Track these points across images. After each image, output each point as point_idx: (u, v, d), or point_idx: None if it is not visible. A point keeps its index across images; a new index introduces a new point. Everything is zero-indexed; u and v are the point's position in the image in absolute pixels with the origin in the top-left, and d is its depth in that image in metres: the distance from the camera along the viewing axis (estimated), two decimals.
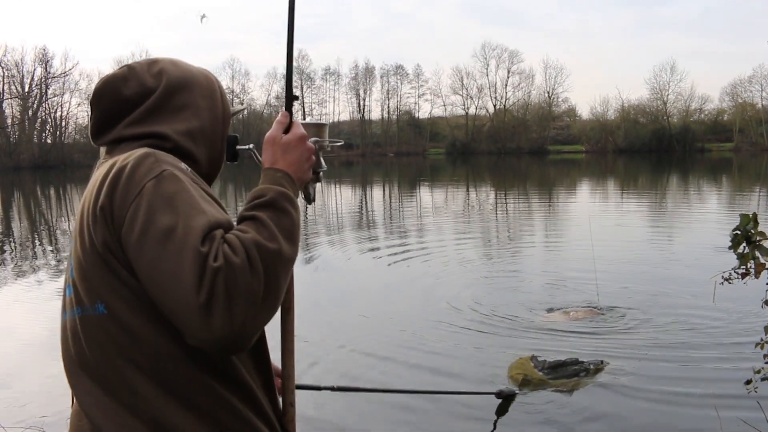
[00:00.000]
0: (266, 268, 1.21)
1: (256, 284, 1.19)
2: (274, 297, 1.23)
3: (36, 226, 18.94)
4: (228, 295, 1.16)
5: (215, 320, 1.15)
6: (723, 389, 4.89)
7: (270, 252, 1.23)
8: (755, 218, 2.47)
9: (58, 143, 72.47)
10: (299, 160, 1.45)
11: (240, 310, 1.17)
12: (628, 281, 8.67)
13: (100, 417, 1.33)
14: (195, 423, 1.32)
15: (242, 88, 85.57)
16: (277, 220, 1.29)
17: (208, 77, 1.60)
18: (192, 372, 1.32)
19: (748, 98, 76.67)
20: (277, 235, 1.26)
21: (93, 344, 1.34)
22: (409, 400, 5.01)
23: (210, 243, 1.20)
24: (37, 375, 5.74)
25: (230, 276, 1.16)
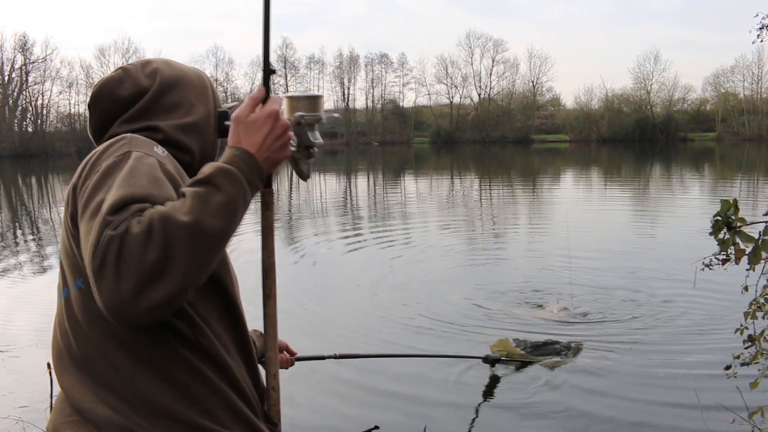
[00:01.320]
0: (168, 240, 1.15)
1: (150, 255, 1.14)
2: (177, 271, 1.16)
3: (17, 215, 18.75)
4: (116, 263, 1.14)
5: (103, 287, 1.15)
6: (703, 374, 4.93)
7: (178, 224, 1.17)
8: (735, 204, 2.47)
9: (39, 132, 71.65)
10: (266, 139, 1.35)
11: (129, 279, 1.14)
12: (608, 268, 8.73)
13: (81, 397, 1.36)
14: (172, 396, 1.35)
15: (226, 77, 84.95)
16: (206, 195, 1.22)
17: (200, 76, 1.68)
18: (168, 345, 1.35)
19: (731, 88, 77.20)
20: (195, 209, 1.20)
21: (74, 323, 1.40)
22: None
23: (120, 214, 1.19)
24: (16, 366, 5.70)
25: (122, 245, 1.14)
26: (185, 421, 1.36)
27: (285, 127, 1.38)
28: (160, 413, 1.34)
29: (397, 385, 5.15)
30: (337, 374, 5.29)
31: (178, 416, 1.35)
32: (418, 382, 5.18)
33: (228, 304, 1.51)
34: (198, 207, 1.20)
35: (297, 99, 1.48)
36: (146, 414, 1.34)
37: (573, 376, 5.19)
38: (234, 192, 1.25)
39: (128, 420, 1.33)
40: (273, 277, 1.53)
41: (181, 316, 1.38)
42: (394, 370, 5.37)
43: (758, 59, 73.85)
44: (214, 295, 1.47)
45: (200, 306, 1.43)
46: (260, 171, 1.33)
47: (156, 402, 1.34)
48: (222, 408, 1.42)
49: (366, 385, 5.21)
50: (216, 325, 1.45)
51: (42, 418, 4.29)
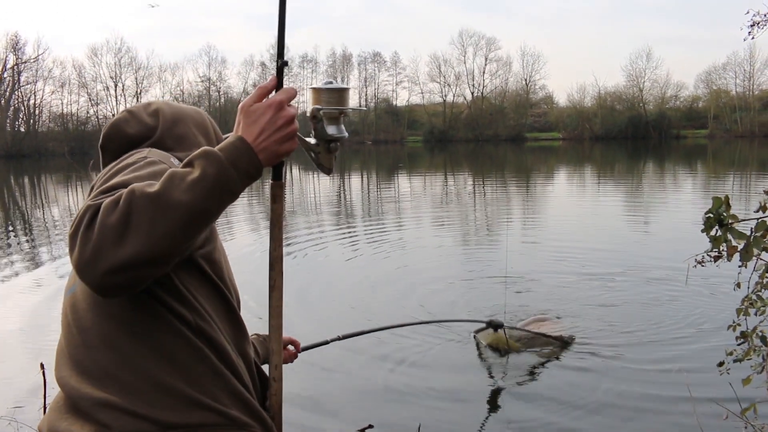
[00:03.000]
0: (131, 208, 1.19)
1: (111, 219, 1.18)
2: (136, 236, 1.18)
3: (9, 216, 18.67)
4: (86, 228, 1.20)
5: (73, 250, 1.21)
6: (696, 371, 4.96)
7: (143, 194, 1.20)
8: (727, 201, 2.48)
9: (31, 132, 71.37)
10: (263, 129, 1.33)
11: (91, 241, 1.19)
12: (600, 264, 8.75)
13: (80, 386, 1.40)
14: (173, 374, 1.41)
15: (219, 76, 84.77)
16: (181, 174, 1.24)
17: (199, 111, 1.80)
18: (171, 326, 1.42)
19: (723, 85, 77.36)
20: (164, 183, 1.22)
21: (78, 314, 1.45)
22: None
23: (107, 194, 1.27)
24: (9, 366, 5.68)
25: (94, 213, 1.21)
26: (187, 397, 1.41)
27: (287, 117, 1.35)
28: (162, 392, 1.39)
29: (391, 381, 5.16)
30: (332, 368, 5.30)
31: (179, 393, 1.40)
32: (412, 376, 5.19)
33: (223, 298, 1.58)
34: (168, 182, 1.22)
35: (318, 91, 1.47)
36: (147, 394, 1.38)
37: (565, 372, 5.21)
38: (211, 172, 1.24)
39: (128, 403, 1.36)
40: (279, 269, 1.57)
41: (181, 299, 1.44)
42: (388, 366, 5.38)
43: (750, 56, 74.07)
44: (210, 285, 1.54)
45: (198, 294, 1.49)
46: (252, 159, 1.31)
47: (157, 381, 1.39)
48: (222, 389, 1.47)
49: (361, 380, 5.22)
50: (213, 314, 1.52)
51: (35, 418, 4.29)
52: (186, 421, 1.40)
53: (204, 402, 1.43)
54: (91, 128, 74.55)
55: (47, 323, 6.77)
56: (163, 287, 1.42)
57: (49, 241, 12.94)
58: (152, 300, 1.41)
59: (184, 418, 1.40)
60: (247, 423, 1.50)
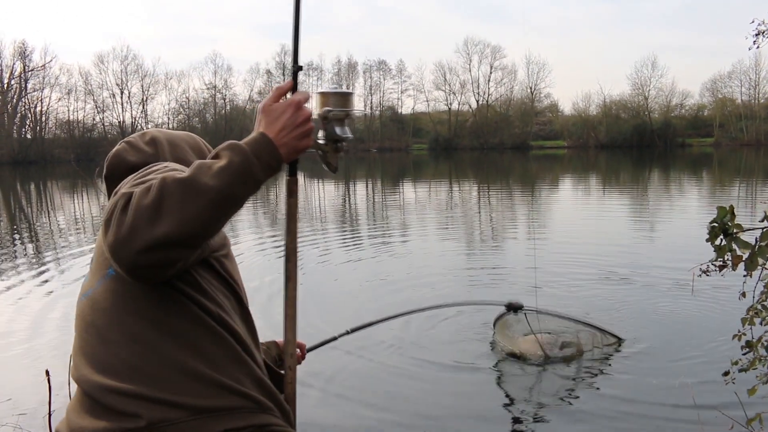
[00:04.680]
0: (163, 192, 1.27)
1: (145, 200, 1.27)
2: (169, 217, 1.26)
3: (16, 222, 18.72)
4: (121, 212, 1.28)
5: (108, 232, 1.29)
6: (701, 380, 4.94)
7: (174, 179, 1.29)
8: (732, 211, 2.48)
9: (38, 138, 71.69)
10: (284, 126, 1.43)
11: (126, 221, 1.27)
12: (605, 273, 8.73)
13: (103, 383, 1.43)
14: (199, 361, 1.45)
15: (225, 84, 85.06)
16: (209, 163, 1.33)
17: (191, 135, 1.89)
18: (196, 316, 1.48)
19: (728, 93, 77.41)
20: (194, 170, 1.31)
21: (100, 313, 1.50)
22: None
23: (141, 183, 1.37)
24: (15, 373, 5.68)
25: (129, 199, 1.29)
26: (214, 382, 1.45)
27: (305, 116, 1.46)
28: (189, 378, 1.43)
29: (399, 385, 5.14)
30: (341, 370, 5.29)
31: (206, 379, 1.44)
32: (421, 382, 5.18)
33: (236, 296, 1.64)
34: (197, 169, 1.32)
35: (326, 95, 1.58)
36: (174, 382, 1.42)
37: (570, 381, 5.19)
38: (236, 160, 1.34)
39: (156, 391, 1.40)
40: (294, 261, 1.63)
41: (203, 292, 1.51)
42: (397, 368, 5.37)
43: (755, 64, 74.13)
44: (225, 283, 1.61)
45: (216, 290, 1.56)
46: (274, 152, 1.41)
47: (184, 368, 1.43)
48: (246, 375, 1.52)
49: (369, 382, 5.21)
50: (229, 308, 1.59)
51: (41, 424, 4.30)
52: (215, 405, 1.44)
53: (231, 386, 1.47)
54: (97, 135, 74.95)
55: (52, 329, 6.78)
56: (186, 281, 1.49)
57: (54, 248, 12.97)
58: (176, 293, 1.47)
59: (212, 402, 1.43)
60: (270, 407, 1.55)
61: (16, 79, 71.45)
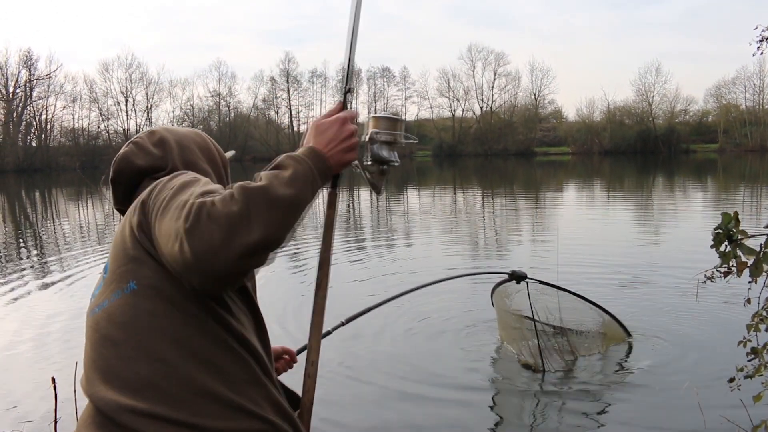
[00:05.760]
0: (248, 199, 1.31)
1: (234, 208, 1.29)
2: (259, 221, 1.31)
3: (21, 230, 18.78)
4: (207, 220, 1.28)
5: (195, 242, 1.27)
6: (706, 387, 4.92)
7: (254, 188, 1.34)
8: (736, 217, 2.48)
9: (43, 146, 71.99)
10: (331, 139, 1.54)
11: (219, 229, 1.28)
12: (610, 279, 8.72)
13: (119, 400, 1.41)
14: (219, 382, 1.44)
15: (229, 91, 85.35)
16: (276, 173, 1.41)
17: (200, 134, 1.88)
18: (219, 336, 1.47)
19: (732, 99, 77.42)
20: (267, 179, 1.38)
21: (116, 329, 1.47)
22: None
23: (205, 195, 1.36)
24: (21, 380, 5.69)
25: (211, 208, 1.30)
26: (231, 404, 1.44)
27: (350, 132, 1.57)
28: (207, 399, 1.42)
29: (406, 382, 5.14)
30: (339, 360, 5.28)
31: (224, 400, 1.43)
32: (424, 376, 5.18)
33: (255, 312, 1.64)
34: (269, 178, 1.38)
35: (378, 118, 1.70)
36: (192, 402, 1.41)
37: (573, 386, 5.17)
38: (300, 169, 1.44)
39: (173, 412, 1.39)
40: (327, 270, 1.68)
41: (227, 309, 1.50)
42: (402, 361, 5.37)
43: (760, 70, 74.16)
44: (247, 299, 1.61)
45: (239, 305, 1.57)
46: (324, 163, 1.51)
47: (202, 389, 1.42)
48: (264, 397, 1.51)
49: (370, 375, 5.20)
50: (248, 325, 1.58)
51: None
52: (231, 427, 1.43)
53: (249, 408, 1.46)
54: (102, 143, 75.23)
55: (58, 337, 6.79)
56: (213, 297, 1.48)
57: (59, 255, 13.00)
58: (200, 311, 1.46)
59: (229, 424, 1.42)
60: (287, 430, 1.54)
61: (21, 88, 71.82)
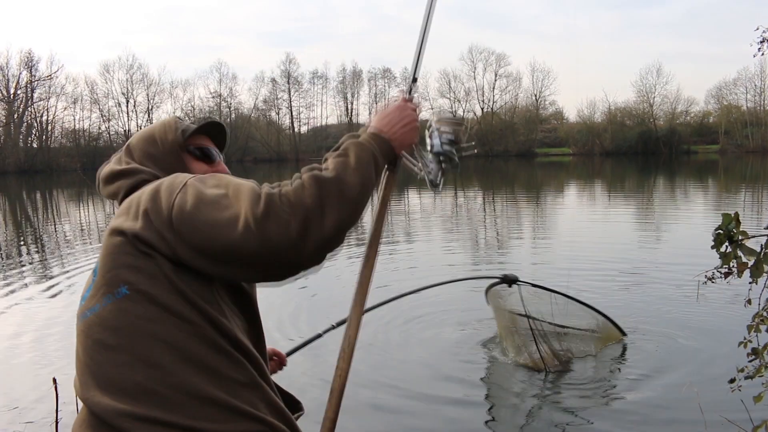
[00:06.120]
0: (320, 189, 1.42)
1: (308, 199, 1.39)
2: (332, 209, 1.42)
3: (22, 231, 18.79)
4: (280, 208, 1.37)
5: (271, 229, 1.36)
6: (707, 388, 4.92)
7: (325, 178, 1.44)
8: (737, 218, 2.48)
9: (44, 147, 71.93)
10: (392, 121, 1.69)
11: (296, 219, 1.37)
12: (611, 280, 8.72)
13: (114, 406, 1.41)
14: (216, 386, 1.44)
15: (230, 92, 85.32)
16: (344, 161, 1.51)
17: (162, 122, 1.82)
18: (214, 341, 1.47)
19: (734, 100, 77.27)
20: (336, 168, 1.48)
21: (108, 333, 1.47)
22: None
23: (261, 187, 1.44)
24: (22, 381, 5.70)
25: (281, 197, 1.39)
26: (228, 407, 1.44)
27: (411, 115, 1.73)
28: (203, 403, 1.42)
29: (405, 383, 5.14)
30: None
31: (220, 403, 1.44)
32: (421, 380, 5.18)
33: (253, 313, 1.65)
34: (337, 168, 1.49)
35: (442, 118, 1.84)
36: (188, 406, 1.41)
37: (574, 387, 5.18)
38: (364, 155, 1.55)
39: (170, 416, 1.39)
40: (376, 247, 1.77)
41: (222, 313, 1.51)
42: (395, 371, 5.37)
43: (761, 71, 73.99)
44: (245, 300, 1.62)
45: (235, 308, 1.58)
46: (386, 144, 1.66)
47: (198, 393, 1.42)
48: (260, 399, 1.52)
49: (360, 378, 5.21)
50: (244, 327, 1.59)
51: None
52: (228, 429, 1.44)
53: (246, 411, 1.47)
54: (103, 144, 75.14)
55: (59, 338, 6.79)
56: (206, 299, 1.49)
57: (60, 256, 13.01)
58: (194, 314, 1.47)
59: (225, 427, 1.43)
60: (284, 430, 1.55)
61: (22, 89, 71.80)
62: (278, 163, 77.09)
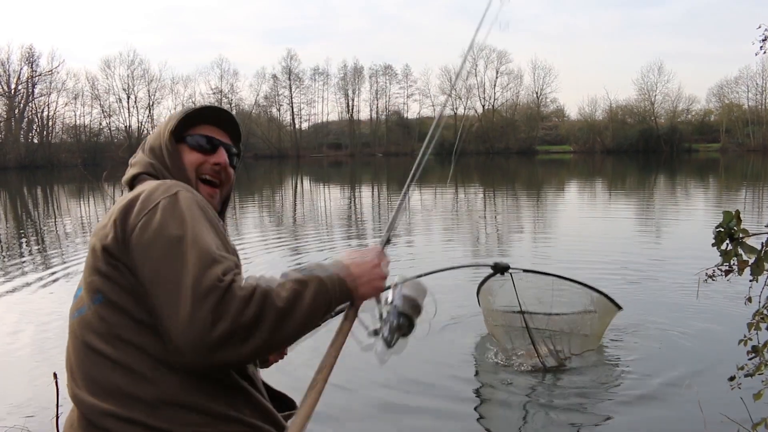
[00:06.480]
0: (262, 314, 1.36)
1: (245, 319, 1.34)
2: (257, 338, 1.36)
3: (23, 226, 18.79)
4: (214, 310, 1.32)
5: (192, 325, 1.31)
6: (707, 385, 4.93)
7: (274, 306, 1.38)
8: (738, 215, 2.48)
9: (45, 143, 71.98)
10: (363, 273, 1.62)
11: (221, 328, 1.32)
12: (611, 278, 8.71)
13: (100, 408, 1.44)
14: (198, 393, 1.45)
15: (231, 88, 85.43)
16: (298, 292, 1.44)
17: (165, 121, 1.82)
18: None
19: (735, 99, 77.33)
20: (289, 301, 1.41)
21: (93, 336, 1.48)
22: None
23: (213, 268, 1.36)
24: (23, 375, 5.70)
25: (224, 297, 1.33)
26: (209, 412, 1.45)
27: (380, 276, 1.67)
28: (184, 408, 1.43)
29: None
30: None
31: (201, 409, 1.44)
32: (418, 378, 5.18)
33: None
34: (290, 300, 1.42)
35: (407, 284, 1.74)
36: (169, 411, 1.42)
37: (574, 385, 5.18)
38: (320, 299, 1.48)
39: (152, 420, 1.41)
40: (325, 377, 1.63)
41: None
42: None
43: (762, 70, 74.02)
44: None
45: None
46: (345, 295, 1.57)
47: (178, 399, 1.43)
48: (243, 401, 1.53)
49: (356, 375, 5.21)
50: None
51: (48, 428, 4.31)
52: None
53: (226, 414, 1.47)
54: (104, 140, 75.20)
55: (59, 332, 6.79)
56: None
57: (62, 251, 13.01)
58: None
59: (206, 430, 1.44)
60: (269, 430, 1.56)
61: (23, 84, 71.81)
62: (279, 159, 77.15)
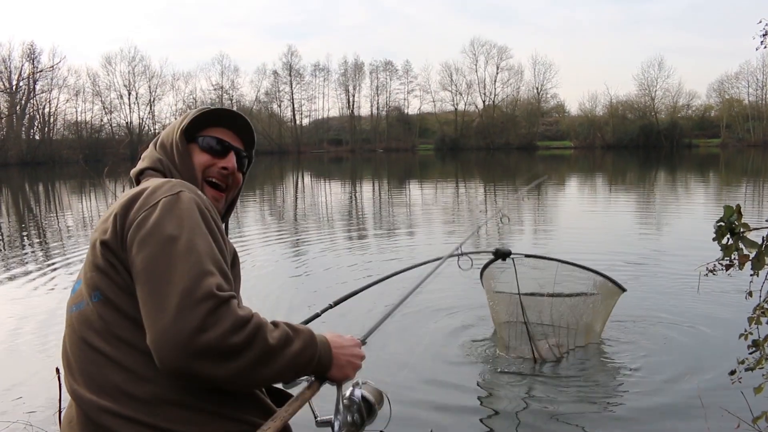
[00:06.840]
0: (252, 344, 1.37)
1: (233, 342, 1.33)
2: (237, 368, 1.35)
3: (24, 222, 18.81)
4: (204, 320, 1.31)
5: (178, 327, 1.30)
6: (707, 379, 4.94)
7: (265, 342, 1.39)
8: (739, 210, 2.48)
9: (46, 139, 71.98)
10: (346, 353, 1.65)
11: (206, 341, 1.30)
12: (611, 272, 8.70)
13: (97, 404, 1.44)
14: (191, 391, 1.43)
15: (231, 84, 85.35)
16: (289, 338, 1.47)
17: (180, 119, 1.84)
18: None
19: (735, 94, 77.15)
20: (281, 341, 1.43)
21: (91, 333, 1.49)
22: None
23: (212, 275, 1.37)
24: (25, 370, 5.71)
25: (218, 310, 1.33)
26: (206, 410, 1.45)
27: (357, 366, 1.70)
28: (181, 407, 1.43)
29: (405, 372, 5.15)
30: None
31: (198, 408, 1.45)
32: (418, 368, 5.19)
33: None
34: (280, 343, 1.43)
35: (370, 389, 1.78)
36: (167, 409, 1.42)
37: (576, 379, 5.19)
38: (307, 353, 1.51)
39: (150, 418, 1.41)
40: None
41: None
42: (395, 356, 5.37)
43: (763, 65, 73.87)
44: None
45: None
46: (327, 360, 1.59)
47: (175, 398, 1.43)
48: (240, 398, 1.52)
49: None
50: None
51: (50, 422, 4.33)
52: (208, 431, 1.45)
53: (224, 412, 1.48)
54: (105, 136, 75.20)
55: (62, 328, 6.79)
56: None
57: (63, 247, 13.03)
58: None
59: (205, 429, 1.45)
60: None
61: (24, 81, 71.75)
62: (280, 155, 77.06)
